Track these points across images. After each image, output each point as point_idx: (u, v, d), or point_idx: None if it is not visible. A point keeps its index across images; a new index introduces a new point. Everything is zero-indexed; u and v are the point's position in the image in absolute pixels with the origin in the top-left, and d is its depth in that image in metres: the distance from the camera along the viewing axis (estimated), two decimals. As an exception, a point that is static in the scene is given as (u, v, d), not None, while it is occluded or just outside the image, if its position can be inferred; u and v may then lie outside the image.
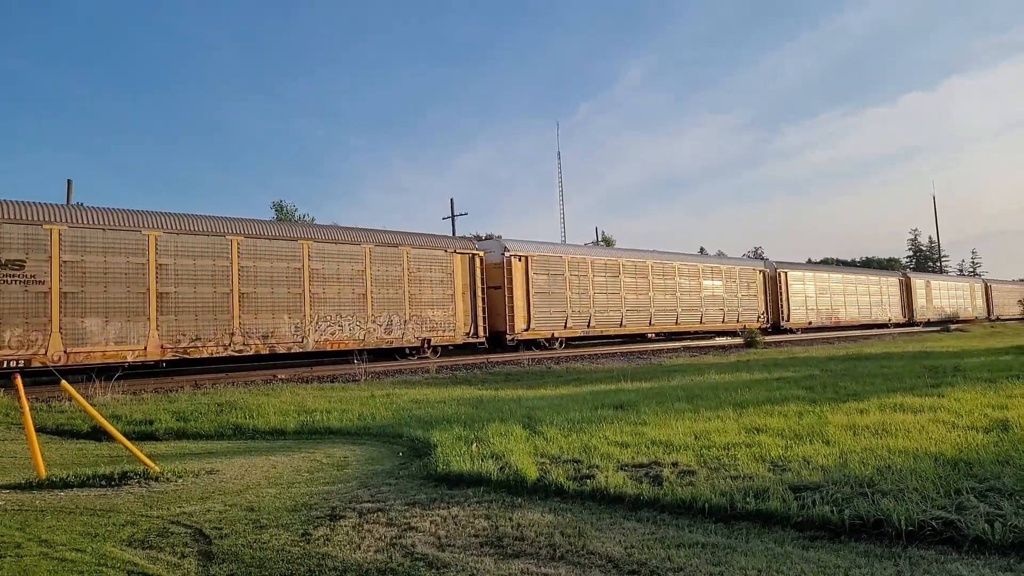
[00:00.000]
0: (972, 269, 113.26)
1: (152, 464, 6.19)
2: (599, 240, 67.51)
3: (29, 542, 4.20)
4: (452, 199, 79.80)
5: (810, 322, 37.44)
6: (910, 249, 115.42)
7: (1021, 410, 7.53)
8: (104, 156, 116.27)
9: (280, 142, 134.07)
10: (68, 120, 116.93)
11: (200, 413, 10.12)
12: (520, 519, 4.46)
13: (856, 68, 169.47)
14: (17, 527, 4.54)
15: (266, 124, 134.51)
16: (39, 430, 8.36)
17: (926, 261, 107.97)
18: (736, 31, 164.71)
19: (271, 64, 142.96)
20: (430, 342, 20.93)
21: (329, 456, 7.00)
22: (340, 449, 7.41)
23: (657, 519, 4.47)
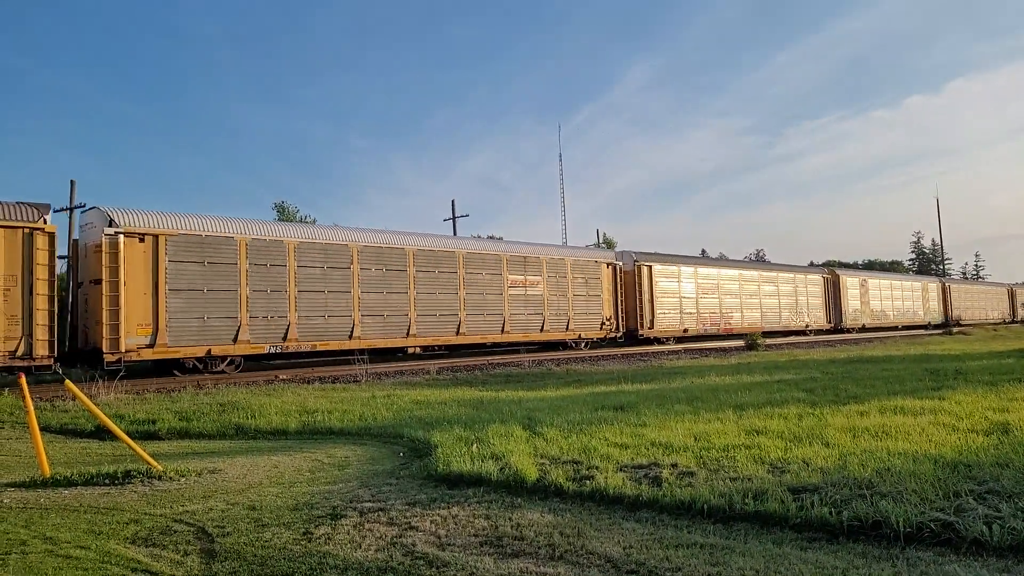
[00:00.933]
0: (975, 272, 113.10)
1: (155, 463, 6.23)
2: (600, 243, 67.51)
3: (34, 539, 4.24)
4: (453, 200, 79.43)
5: (685, 329, 30.43)
6: (913, 252, 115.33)
7: (1022, 413, 7.54)
8: (108, 155, 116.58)
9: (284, 143, 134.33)
10: (72, 119, 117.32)
11: (202, 413, 10.17)
12: (520, 519, 4.49)
13: (859, 72, 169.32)
14: (22, 525, 4.59)
15: (270, 125, 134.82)
16: (43, 429, 8.42)
17: (929, 264, 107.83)
18: (740, 35, 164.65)
19: (276, 65, 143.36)
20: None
21: (330, 456, 7.04)
22: (341, 449, 7.44)
23: (656, 520, 4.49)
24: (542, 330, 24.66)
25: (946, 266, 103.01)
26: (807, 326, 37.31)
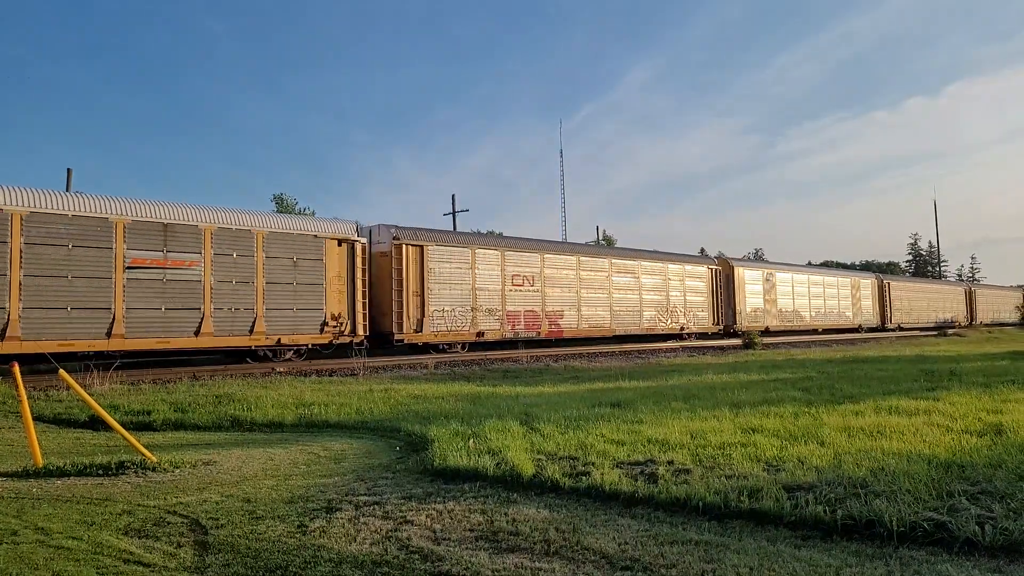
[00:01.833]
0: (971, 275, 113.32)
1: (149, 454, 6.22)
2: (600, 240, 67.47)
3: (26, 529, 4.22)
4: (453, 196, 79.37)
5: (481, 332, 21.34)
6: (910, 253, 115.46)
7: (1015, 415, 7.56)
8: (106, 147, 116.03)
9: (285, 137, 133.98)
10: (70, 110, 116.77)
11: (198, 404, 10.15)
12: (515, 514, 4.49)
13: (860, 73, 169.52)
14: (14, 515, 4.57)
15: (271, 118, 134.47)
16: (37, 419, 8.38)
17: (926, 266, 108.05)
18: (741, 35, 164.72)
19: (277, 58, 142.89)
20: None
21: (326, 449, 7.03)
22: (337, 442, 7.43)
23: (651, 516, 4.49)
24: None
25: (943, 268, 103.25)
26: (682, 328, 29.28)
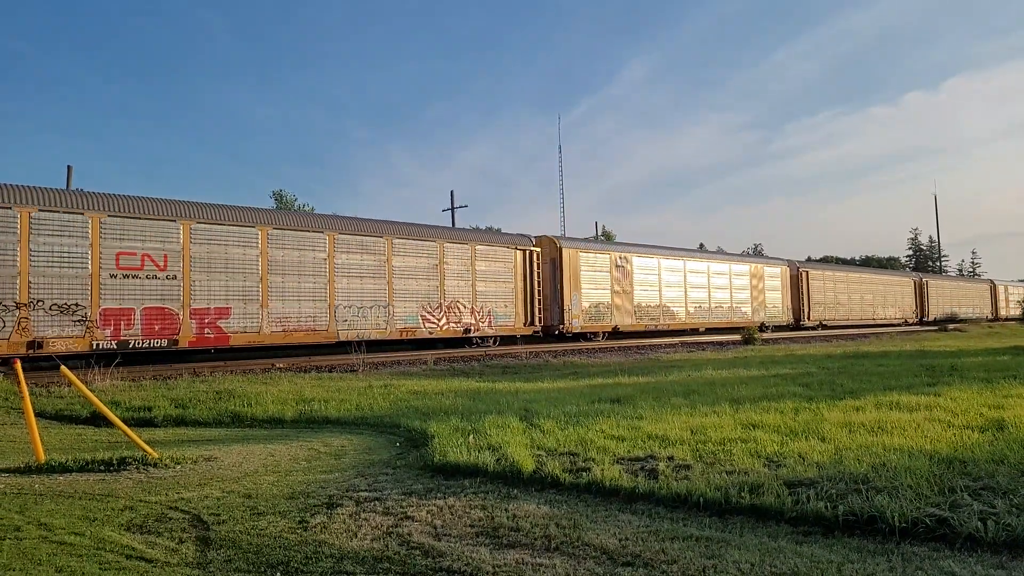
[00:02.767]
0: (972, 270, 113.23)
1: (150, 450, 6.22)
2: (599, 235, 67.43)
3: (28, 525, 4.23)
4: (452, 191, 79.21)
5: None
6: (910, 249, 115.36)
7: (1017, 410, 7.55)
8: (104, 142, 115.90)
9: (282, 132, 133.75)
10: (68, 104, 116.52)
11: (199, 401, 10.16)
12: (516, 510, 4.49)
13: (859, 68, 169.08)
14: (16, 510, 4.57)
15: (268, 113, 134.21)
16: (38, 415, 8.39)
17: (926, 261, 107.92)
18: (739, 30, 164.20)
19: (275, 53, 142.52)
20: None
21: (327, 445, 7.03)
22: (338, 438, 7.43)
23: (652, 512, 4.49)
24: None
25: (943, 263, 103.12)
26: (467, 330, 21.49)
